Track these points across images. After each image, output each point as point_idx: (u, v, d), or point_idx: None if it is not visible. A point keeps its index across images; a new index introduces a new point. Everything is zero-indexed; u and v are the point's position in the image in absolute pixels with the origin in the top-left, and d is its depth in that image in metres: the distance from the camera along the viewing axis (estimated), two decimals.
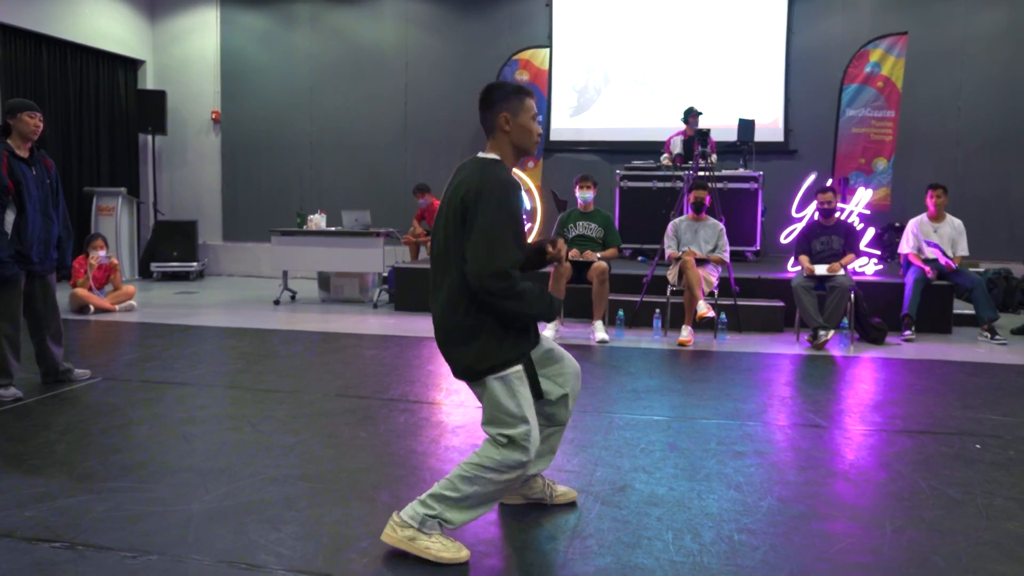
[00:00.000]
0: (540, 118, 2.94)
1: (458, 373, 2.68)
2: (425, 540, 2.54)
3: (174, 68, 12.14)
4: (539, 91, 10.64)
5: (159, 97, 11.45)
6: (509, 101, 2.77)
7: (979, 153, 10.44)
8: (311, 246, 8.67)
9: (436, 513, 2.55)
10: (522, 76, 10.63)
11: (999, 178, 10.34)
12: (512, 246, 2.57)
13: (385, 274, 8.80)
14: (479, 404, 2.62)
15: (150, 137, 11.78)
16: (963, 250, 7.32)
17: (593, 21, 11.30)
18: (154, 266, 10.98)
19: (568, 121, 11.40)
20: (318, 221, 8.86)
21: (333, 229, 8.80)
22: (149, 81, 12.05)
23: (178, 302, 8.80)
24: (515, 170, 3.47)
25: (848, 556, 2.62)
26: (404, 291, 8.24)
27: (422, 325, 7.26)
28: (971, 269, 7.51)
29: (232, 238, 12.09)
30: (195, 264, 11.13)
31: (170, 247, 11.09)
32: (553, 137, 11.28)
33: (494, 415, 2.60)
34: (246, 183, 12.04)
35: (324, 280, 9.14)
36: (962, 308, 7.56)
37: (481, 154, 2.81)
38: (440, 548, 2.53)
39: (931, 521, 2.91)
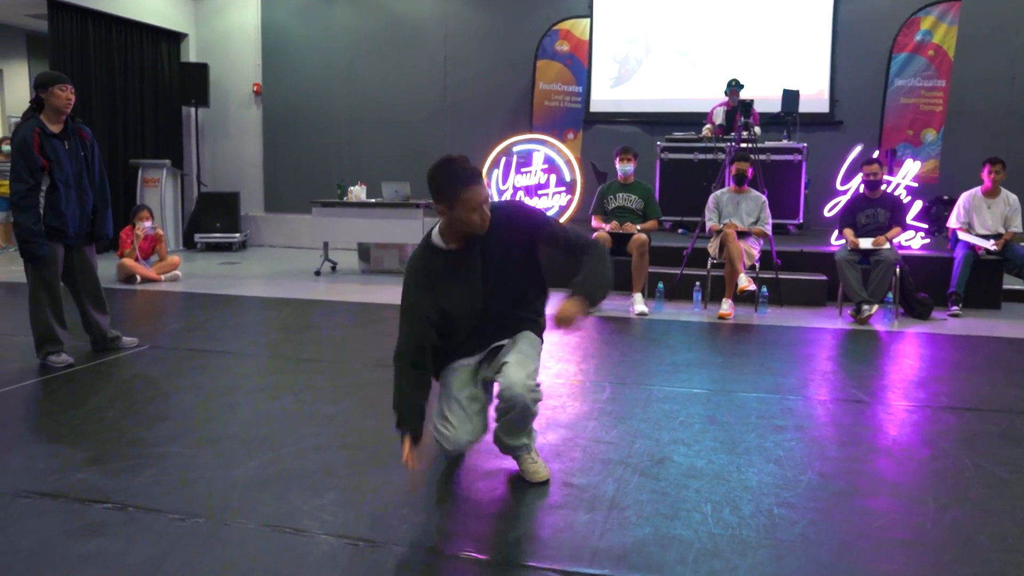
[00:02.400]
0: (580, 89, 2.97)
1: None
2: None
3: (216, 41, 12.23)
4: (579, 62, 10.54)
5: (202, 70, 11.56)
6: (442, 195, 2.74)
7: None
8: (351, 217, 8.73)
9: None
10: (562, 47, 10.52)
11: None
12: (404, 333, 2.85)
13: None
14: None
15: (193, 110, 11.91)
16: (1016, 226, 7.13)
17: None
18: (198, 237, 11.15)
19: (608, 92, 11.28)
20: (358, 192, 8.91)
21: (373, 201, 8.84)
22: (192, 54, 12.16)
23: (221, 272, 8.94)
24: (555, 141, 3.61)
25: (889, 533, 2.59)
26: None
27: None
28: (1022, 244, 7.31)
29: (273, 209, 12.21)
30: (237, 235, 11.28)
31: (213, 218, 11.25)
32: (593, 108, 11.17)
33: None
34: (287, 155, 12.14)
35: (364, 251, 9.21)
36: (1012, 284, 7.38)
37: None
38: None
39: (976, 500, 2.86)
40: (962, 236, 7.10)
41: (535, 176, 8.25)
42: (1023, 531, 2.60)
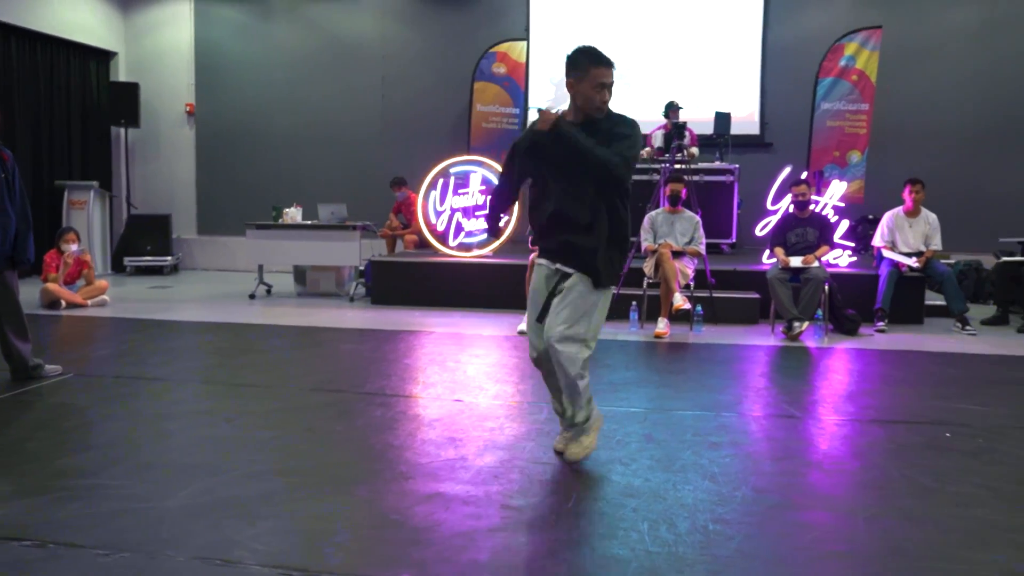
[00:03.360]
0: (517, 111, 3.16)
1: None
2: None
3: (147, 60, 12.00)
4: (516, 84, 10.64)
5: (132, 89, 11.33)
6: (575, 68, 3.25)
7: (951, 147, 10.56)
8: (287, 240, 8.62)
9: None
10: (499, 69, 10.61)
11: (970, 173, 10.47)
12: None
13: (362, 268, 8.77)
14: (456, 398, 2.64)
15: (123, 130, 11.64)
16: (936, 244, 7.40)
17: (570, 14, 11.30)
18: (127, 260, 10.87)
19: None
20: (294, 215, 8.81)
21: (309, 223, 8.75)
22: (122, 73, 11.91)
23: (152, 297, 8.72)
24: (492, 162, 4.18)
25: (823, 545, 2.65)
26: (381, 284, 8.21)
27: (399, 318, 7.24)
28: (942, 261, 7.60)
29: (207, 232, 11.99)
30: (169, 258, 11.03)
31: (143, 241, 10.98)
32: None
33: None
34: (221, 176, 11.94)
35: (300, 274, 9.09)
36: (934, 299, 7.65)
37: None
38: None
39: (904, 509, 2.94)
40: (886, 254, 7.34)
41: (473, 197, 8.27)
42: (948, 539, 2.68)
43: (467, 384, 4.75)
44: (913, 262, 7.24)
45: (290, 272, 9.43)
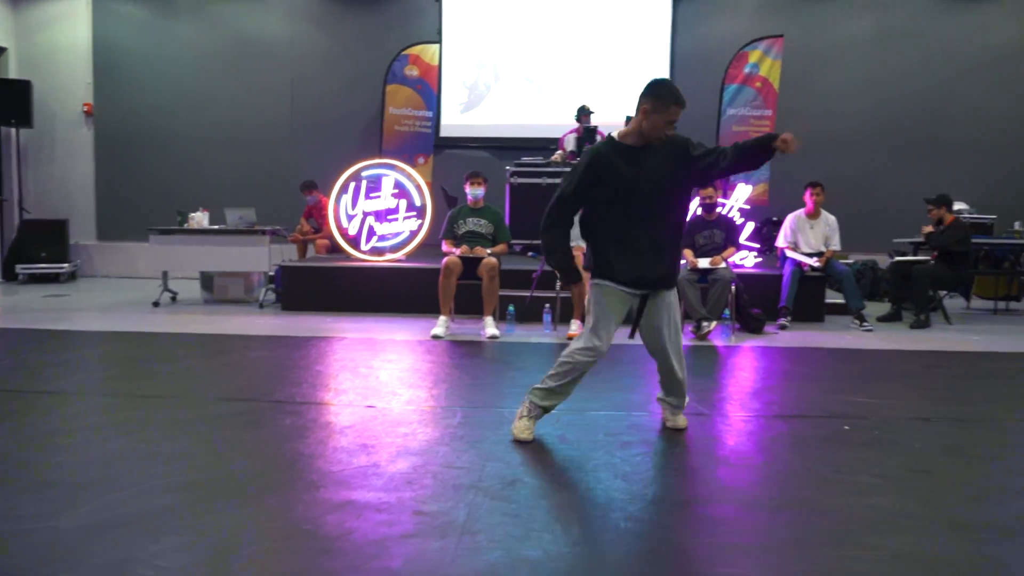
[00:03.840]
0: (430, 114, 3.18)
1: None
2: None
3: (41, 57, 11.48)
4: (429, 87, 10.61)
5: (23, 87, 10.81)
6: (659, 99, 3.54)
7: (849, 152, 11.04)
8: (193, 245, 8.37)
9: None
10: (412, 72, 10.56)
11: (866, 176, 10.97)
12: (560, 197, 3.67)
13: (271, 273, 8.58)
14: (369, 404, 2.61)
15: (14, 130, 11.09)
16: (836, 245, 7.72)
17: (483, 17, 11.34)
18: (19, 268, 10.37)
19: (459, 117, 11.40)
20: (200, 219, 8.56)
21: (216, 227, 8.51)
22: (12, 70, 11.35)
23: (47, 306, 8.33)
24: (405, 165, 4.08)
25: (730, 538, 2.71)
26: (292, 290, 8.06)
27: (310, 324, 7.11)
28: (841, 261, 7.92)
29: (107, 237, 11.55)
30: (66, 265, 10.58)
31: (38, 247, 10.50)
32: (443, 133, 11.25)
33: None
34: (123, 180, 11.51)
35: (207, 280, 8.84)
36: (834, 298, 7.97)
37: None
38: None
39: (805, 500, 3.05)
40: (789, 254, 7.61)
41: (385, 201, 8.19)
42: (846, 527, 2.79)
43: (380, 390, 4.70)
44: (814, 262, 7.53)
45: (196, 279, 9.15)
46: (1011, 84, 11.35)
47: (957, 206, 9.25)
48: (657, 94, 3.53)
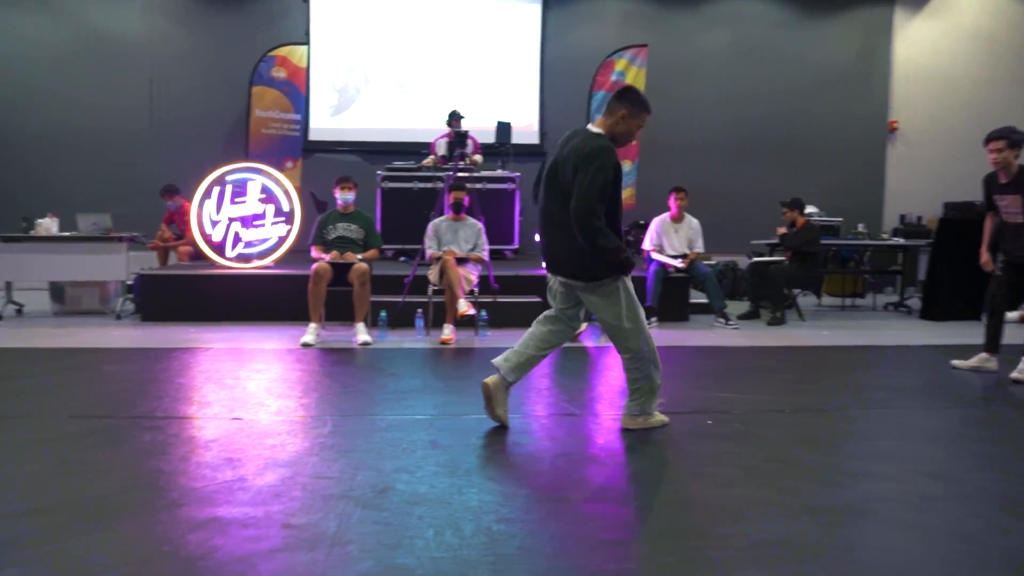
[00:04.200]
0: (298, 117, 3.10)
1: (588, 278, 3.82)
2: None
3: None
4: (297, 89, 10.37)
5: None
6: (636, 106, 3.81)
7: (710, 158, 11.54)
8: (41, 253, 7.85)
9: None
10: (279, 73, 10.29)
11: (727, 180, 11.49)
12: (602, 192, 3.67)
13: (130, 282, 8.16)
14: (235, 416, 2.51)
15: None
16: (699, 247, 8.05)
17: (352, 19, 11.19)
18: None
19: (328, 121, 11.21)
20: (48, 226, 8.04)
21: (68, 234, 8.02)
22: None
23: None
24: (272, 170, 3.84)
25: (601, 534, 2.77)
26: (152, 300, 7.68)
27: (173, 335, 6.81)
28: (704, 262, 8.26)
29: None
30: None
31: None
32: (312, 137, 11.03)
33: (618, 311, 3.84)
34: None
35: (58, 291, 8.31)
36: (697, 298, 8.31)
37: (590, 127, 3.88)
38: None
39: (670, 494, 3.15)
40: (655, 256, 7.87)
41: (251, 206, 7.94)
42: (707, 517, 2.90)
43: (247, 401, 4.55)
44: (679, 263, 7.82)
45: (45, 289, 8.58)
46: (853, 95, 12.17)
47: (808, 209, 9.82)
48: (634, 101, 3.80)
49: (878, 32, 12.23)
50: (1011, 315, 8.34)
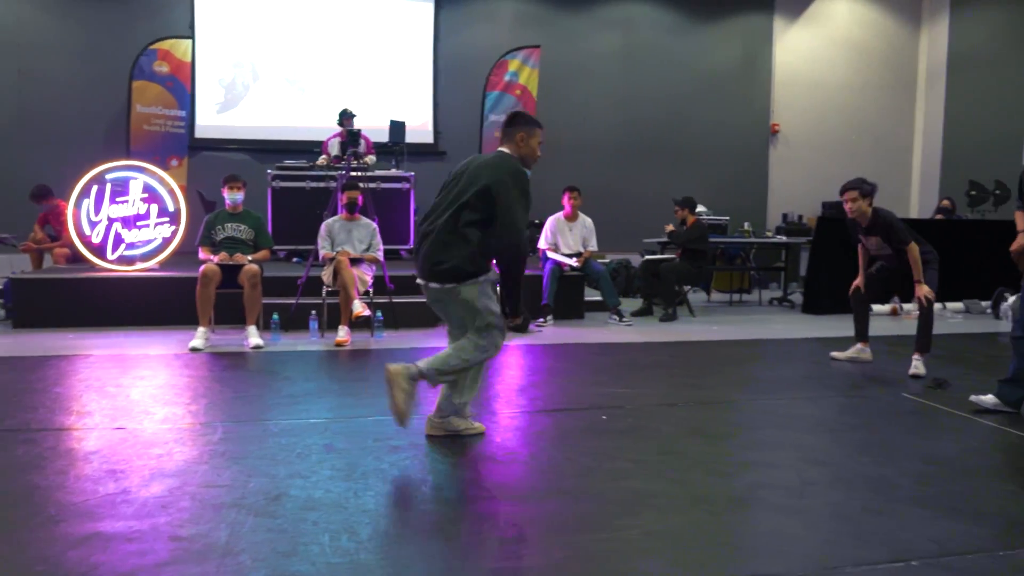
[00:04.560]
0: (183, 114, 2.99)
1: (447, 277, 3.68)
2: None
3: None
4: (181, 84, 10.00)
5: None
6: (529, 125, 3.88)
7: (602, 158, 11.76)
8: None
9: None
10: (162, 68, 9.89)
11: (619, 180, 11.74)
12: (521, 221, 3.67)
13: (0, 287, 7.68)
14: (118, 426, 2.39)
15: None
16: (593, 246, 8.19)
17: (239, 13, 10.87)
18: None
19: (215, 118, 10.85)
20: None
21: None
22: None
23: None
24: (155, 168, 3.63)
25: (498, 532, 2.79)
26: (25, 306, 7.24)
27: (49, 343, 6.45)
28: (598, 261, 8.42)
29: None
30: None
31: None
32: (199, 134, 10.67)
33: (475, 311, 3.72)
34: None
35: None
36: (592, 296, 8.45)
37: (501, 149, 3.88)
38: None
39: (567, 489, 3.20)
40: (550, 255, 7.97)
41: (134, 206, 7.61)
42: (604, 510, 2.96)
43: (131, 410, 4.35)
44: (574, 262, 7.94)
45: None
46: (738, 99, 12.64)
47: (698, 209, 10.14)
48: (525, 120, 3.88)
49: (760, 39, 12.74)
50: (881, 308, 8.87)
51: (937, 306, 7.03)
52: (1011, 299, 8.53)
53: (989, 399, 4.53)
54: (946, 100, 12.84)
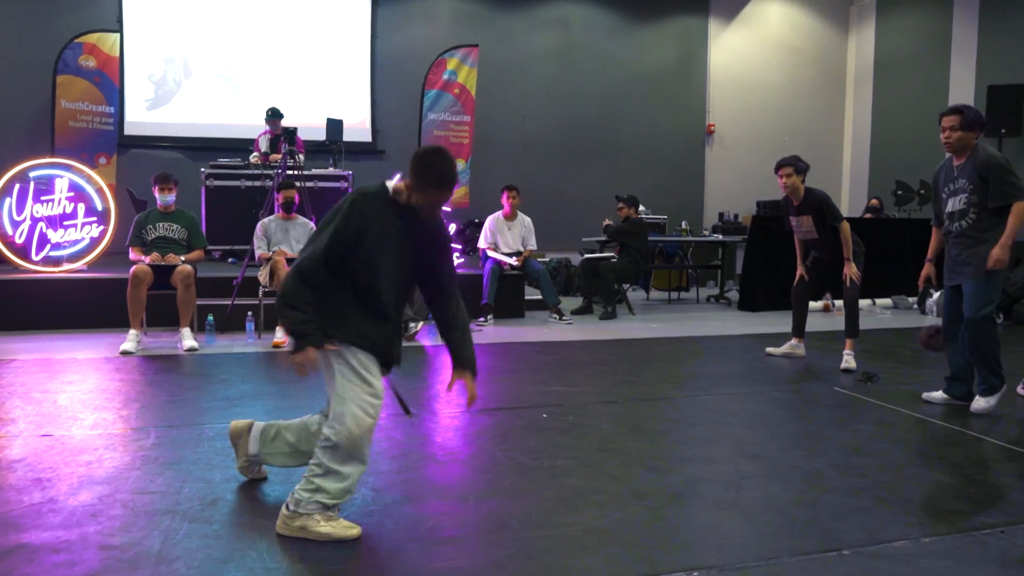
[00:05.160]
0: (112, 110, 2.76)
1: None
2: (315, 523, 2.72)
3: None
4: (109, 80, 9.69)
5: None
6: (419, 179, 2.78)
7: (540, 157, 11.80)
8: None
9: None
10: (88, 62, 9.58)
11: (558, 179, 11.80)
12: (320, 247, 2.78)
13: None
14: (44, 433, 2.30)
15: None
16: (532, 245, 8.22)
17: (170, 7, 10.61)
18: None
19: (145, 115, 10.58)
20: None
21: None
22: None
23: None
24: (82, 166, 3.30)
25: (436, 532, 2.77)
26: None
27: None
28: (538, 259, 8.45)
29: None
30: None
31: None
32: (128, 131, 10.38)
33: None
34: None
35: None
36: (532, 294, 8.48)
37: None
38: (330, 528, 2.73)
39: (507, 488, 3.20)
40: (490, 254, 7.97)
41: (59, 205, 7.36)
42: (544, 508, 2.97)
43: (58, 416, 4.21)
44: (513, 261, 7.95)
45: None
46: (675, 99, 12.82)
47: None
48: (424, 171, 2.76)
49: (695, 41, 12.95)
50: (815, 304, 9.11)
51: (866, 302, 7.25)
52: (936, 295, 8.85)
53: (939, 395, 4.75)
54: (873, 102, 13.24)
